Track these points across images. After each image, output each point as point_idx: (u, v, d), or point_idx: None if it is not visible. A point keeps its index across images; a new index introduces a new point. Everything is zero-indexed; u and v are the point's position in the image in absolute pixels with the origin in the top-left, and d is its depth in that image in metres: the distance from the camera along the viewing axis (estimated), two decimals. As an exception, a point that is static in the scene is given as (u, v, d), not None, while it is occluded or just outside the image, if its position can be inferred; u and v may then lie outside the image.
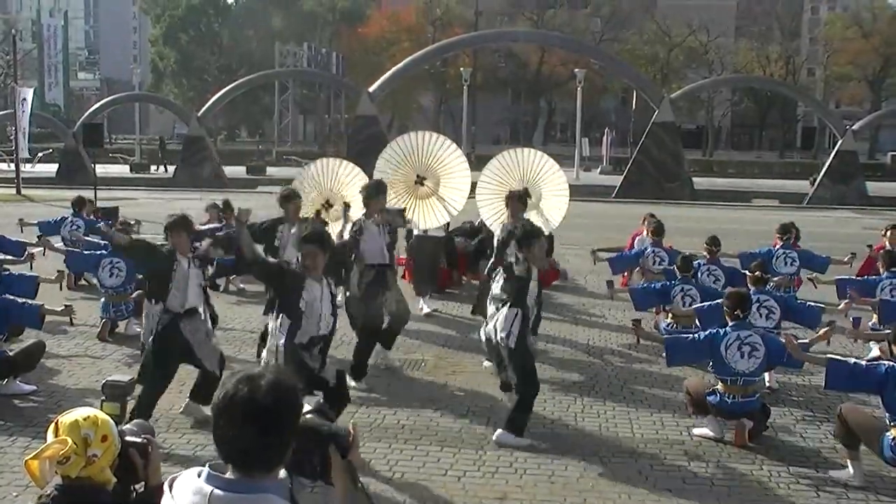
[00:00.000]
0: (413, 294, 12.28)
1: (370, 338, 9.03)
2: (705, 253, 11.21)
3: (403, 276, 13.58)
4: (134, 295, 10.94)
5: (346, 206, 10.38)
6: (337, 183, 11.36)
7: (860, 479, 6.45)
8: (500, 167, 11.82)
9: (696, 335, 7.74)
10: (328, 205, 11.23)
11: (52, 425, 3.03)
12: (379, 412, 7.90)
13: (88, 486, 3.01)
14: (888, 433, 6.24)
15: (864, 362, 6.84)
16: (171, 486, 2.46)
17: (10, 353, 8.35)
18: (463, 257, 14.10)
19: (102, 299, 10.77)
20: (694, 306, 9.50)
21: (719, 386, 7.40)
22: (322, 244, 6.91)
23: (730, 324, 7.48)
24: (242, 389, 2.37)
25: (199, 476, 2.42)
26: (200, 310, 7.69)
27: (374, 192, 9.55)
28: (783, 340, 6.98)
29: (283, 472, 2.50)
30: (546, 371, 9.35)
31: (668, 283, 10.48)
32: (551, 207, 11.66)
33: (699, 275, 10.72)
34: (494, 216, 11.41)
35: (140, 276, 11.51)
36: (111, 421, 3.14)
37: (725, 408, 7.34)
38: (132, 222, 13.64)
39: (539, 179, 11.64)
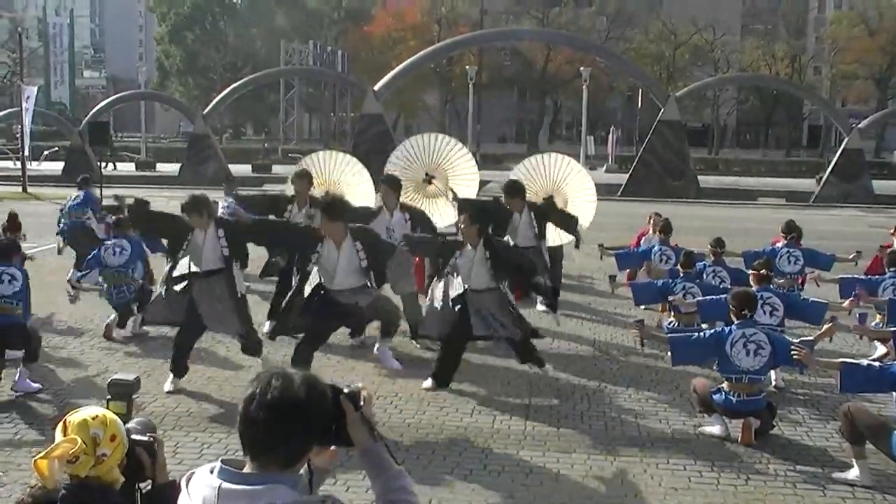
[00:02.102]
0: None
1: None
2: (710, 254, 11.20)
3: None
4: (137, 277, 10.82)
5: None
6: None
7: (867, 478, 6.43)
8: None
9: (701, 333, 7.73)
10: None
11: (61, 424, 3.03)
12: (384, 410, 7.90)
13: (97, 485, 3.01)
14: None
15: (877, 364, 6.83)
16: (187, 483, 2.48)
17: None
18: None
19: (105, 284, 10.59)
20: (697, 299, 9.50)
21: (725, 384, 7.39)
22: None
23: (735, 322, 7.48)
24: (276, 385, 2.39)
25: (211, 472, 2.43)
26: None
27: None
28: (794, 350, 6.97)
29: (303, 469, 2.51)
30: (552, 369, 9.36)
31: (669, 280, 10.48)
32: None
33: (704, 276, 10.70)
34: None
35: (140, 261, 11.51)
36: (119, 420, 3.15)
37: (731, 406, 7.32)
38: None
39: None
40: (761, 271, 9.15)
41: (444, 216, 12.14)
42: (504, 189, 11.44)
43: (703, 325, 9.13)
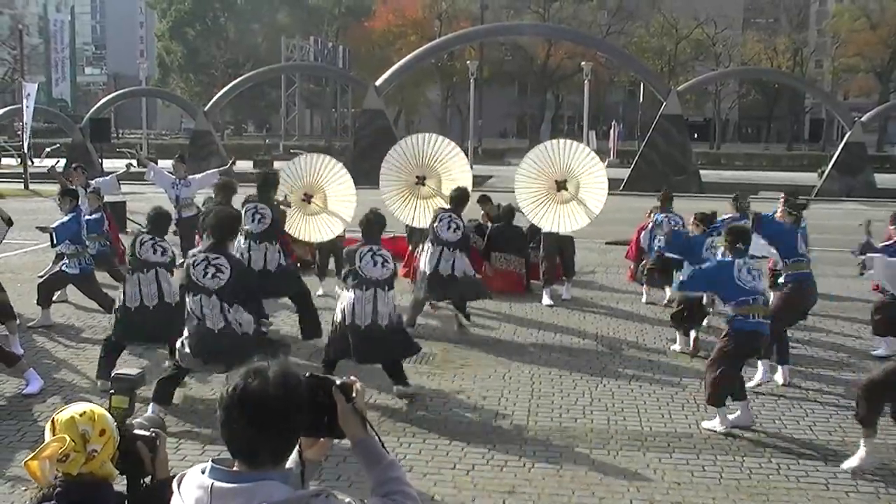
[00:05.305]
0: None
1: None
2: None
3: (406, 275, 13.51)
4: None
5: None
6: (318, 178, 11.88)
7: (870, 460, 6.43)
8: (538, 158, 12.67)
9: (706, 265, 8.29)
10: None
11: (49, 423, 3.01)
12: (387, 406, 7.90)
13: (90, 481, 3.00)
14: None
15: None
16: (178, 484, 2.46)
17: None
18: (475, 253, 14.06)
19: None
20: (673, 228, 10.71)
21: (743, 312, 7.52)
22: None
23: (729, 255, 7.82)
24: (251, 383, 2.36)
25: (203, 472, 2.41)
26: None
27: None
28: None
29: (291, 462, 2.49)
30: (555, 363, 9.36)
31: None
32: (590, 199, 12.41)
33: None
34: (531, 203, 12.41)
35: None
36: (108, 414, 3.12)
37: (762, 329, 7.58)
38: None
39: (578, 170, 12.40)
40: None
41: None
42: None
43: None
